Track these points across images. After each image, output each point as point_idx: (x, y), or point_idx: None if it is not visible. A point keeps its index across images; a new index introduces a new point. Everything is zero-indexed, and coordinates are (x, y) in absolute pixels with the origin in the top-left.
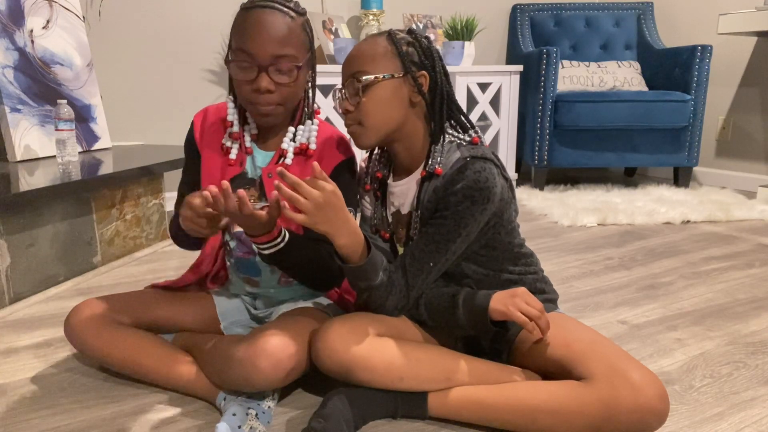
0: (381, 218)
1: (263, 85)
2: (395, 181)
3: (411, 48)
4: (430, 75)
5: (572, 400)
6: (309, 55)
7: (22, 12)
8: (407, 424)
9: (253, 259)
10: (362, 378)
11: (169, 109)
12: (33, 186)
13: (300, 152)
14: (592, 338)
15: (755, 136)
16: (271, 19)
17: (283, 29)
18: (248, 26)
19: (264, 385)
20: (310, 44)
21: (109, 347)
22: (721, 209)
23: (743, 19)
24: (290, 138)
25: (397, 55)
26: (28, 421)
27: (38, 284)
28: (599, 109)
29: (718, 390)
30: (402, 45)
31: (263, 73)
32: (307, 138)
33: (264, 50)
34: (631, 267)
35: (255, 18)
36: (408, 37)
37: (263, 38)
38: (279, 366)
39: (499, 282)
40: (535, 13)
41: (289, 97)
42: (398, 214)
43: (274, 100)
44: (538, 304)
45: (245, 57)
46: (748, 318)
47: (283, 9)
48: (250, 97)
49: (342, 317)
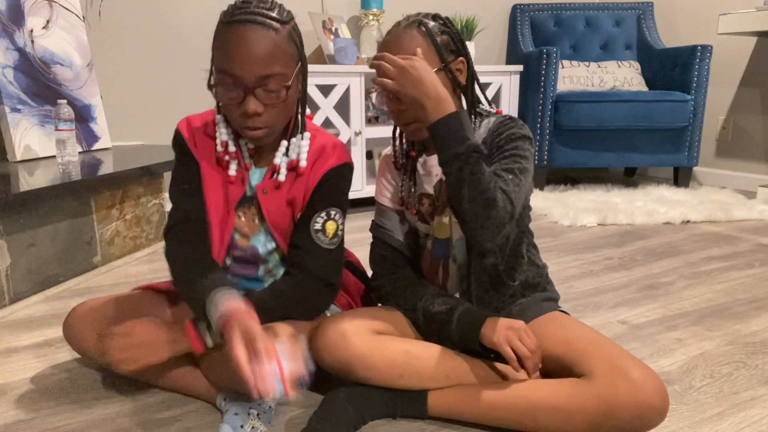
0: (409, 194)
1: (251, 108)
2: (432, 155)
3: (445, 36)
4: (467, 60)
5: (572, 397)
6: (298, 66)
7: (22, 12)
8: (407, 423)
9: (251, 275)
10: (362, 375)
11: (169, 109)
12: (33, 186)
13: (291, 168)
14: (592, 337)
15: (755, 136)
16: (254, 37)
17: (267, 47)
18: (230, 46)
19: None
20: (299, 53)
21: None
22: (721, 209)
23: (743, 19)
24: (282, 153)
25: (434, 49)
26: (28, 421)
27: (38, 284)
28: (599, 109)
29: (718, 390)
30: (436, 36)
31: (250, 95)
32: (297, 154)
33: (249, 72)
34: (631, 267)
35: (236, 36)
36: (437, 24)
37: (247, 59)
38: None
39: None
40: (535, 13)
41: (280, 116)
42: (443, 183)
43: (265, 122)
44: (532, 343)
45: (230, 79)
46: (748, 318)
47: (266, 22)
48: (239, 121)
49: (342, 314)
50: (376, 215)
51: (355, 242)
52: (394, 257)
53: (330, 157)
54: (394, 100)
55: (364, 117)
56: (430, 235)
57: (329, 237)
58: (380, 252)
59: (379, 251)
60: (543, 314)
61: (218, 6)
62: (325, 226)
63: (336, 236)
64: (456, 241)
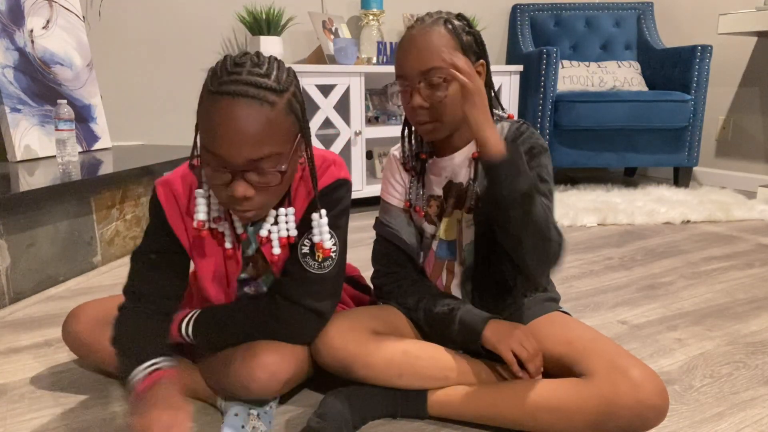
0: (417, 196)
1: (239, 192)
2: (442, 157)
3: (469, 37)
4: (486, 62)
5: (572, 397)
6: (298, 138)
7: (22, 12)
8: (407, 424)
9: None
10: (361, 374)
11: (169, 109)
12: (33, 186)
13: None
14: (592, 336)
15: (755, 136)
16: (244, 114)
17: (259, 126)
18: (216, 123)
19: (261, 394)
20: (299, 125)
21: (108, 352)
22: (721, 209)
23: (743, 19)
24: (271, 223)
25: (460, 48)
26: (28, 421)
27: (38, 284)
28: (599, 109)
29: (718, 390)
30: (462, 35)
31: (239, 179)
32: (285, 227)
33: (237, 155)
34: (631, 267)
35: (224, 112)
36: (463, 24)
37: (235, 140)
38: (275, 377)
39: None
40: (535, 13)
41: (275, 196)
42: (452, 184)
43: (256, 205)
44: (532, 347)
45: (215, 160)
46: (748, 318)
47: (259, 94)
48: (227, 201)
49: (342, 314)
50: (381, 213)
51: (355, 243)
52: (397, 255)
53: (325, 173)
54: (417, 96)
55: (364, 117)
56: (436, 236)
57: (318, 261)
58: (383, 250)
59: (383, 249)
60: (544, 314)
61: (218, 6)
62: (313, 250)
63: (329, 259)
64: (466, 245)
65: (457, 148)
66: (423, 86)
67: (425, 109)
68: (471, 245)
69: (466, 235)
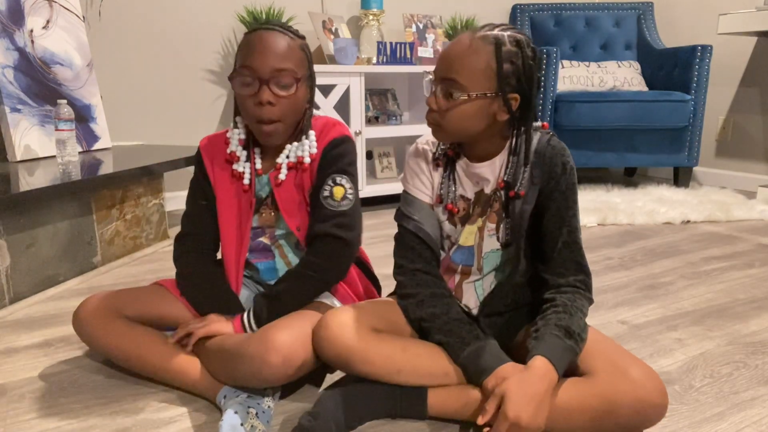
0: (447, 191)
1: (265, 97)
2: (474, 163)
3: (513, 67)
4: (523, 96)
5: (573, 395)
6: (308, 73)
7: (22, 12)
8: (407, 424)
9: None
10: (360, 369)
11: (169, 109)
12: (33, 186)
13: (295, 166)
14: (593, 336)
15: (755, 136)
16: (272, 38)
17: (283, 46)
18: (251, 45)
19: (274, 380)
20: (309, 65)
21: (115, 341)
22: (721, 209)
23: (743, 19)
24: (286, 155)
25: (496, 74)
26: (28, 421)
27: (38, 284)
28: (599, 109)
29: (718, 390)
30: (505, 63)
31: (264, 86)
32: (302, 152)
33: (265, 64)
34: (631, 267)
35: (257, 37)
36: (513, 50)
37: (264, 54)
38: (289, 361)
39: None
40: (535, 13)
41: (290, 111)
42: (482, 194)
43: (276, 114)
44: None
45: (248, 72)
46: (748, 318)
47: (284, 30)
48: (253, 111)
49: (344, 308)
50: (404, 204)
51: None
52: (421, 249)
53: (329, 132)
54: (432, 98)
55: (364, 117)
56: (454, 239)
57: (338, 200)
58: (408, 243)
59: (408, 242)
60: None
61: (218, 6)
62: (332, 192)
63: (346, 198)
64: (486, 252)
65: (482, 158)
66: (440, 90)
67: (435, 112)
68: (493, 254)
69: (488, 244)
